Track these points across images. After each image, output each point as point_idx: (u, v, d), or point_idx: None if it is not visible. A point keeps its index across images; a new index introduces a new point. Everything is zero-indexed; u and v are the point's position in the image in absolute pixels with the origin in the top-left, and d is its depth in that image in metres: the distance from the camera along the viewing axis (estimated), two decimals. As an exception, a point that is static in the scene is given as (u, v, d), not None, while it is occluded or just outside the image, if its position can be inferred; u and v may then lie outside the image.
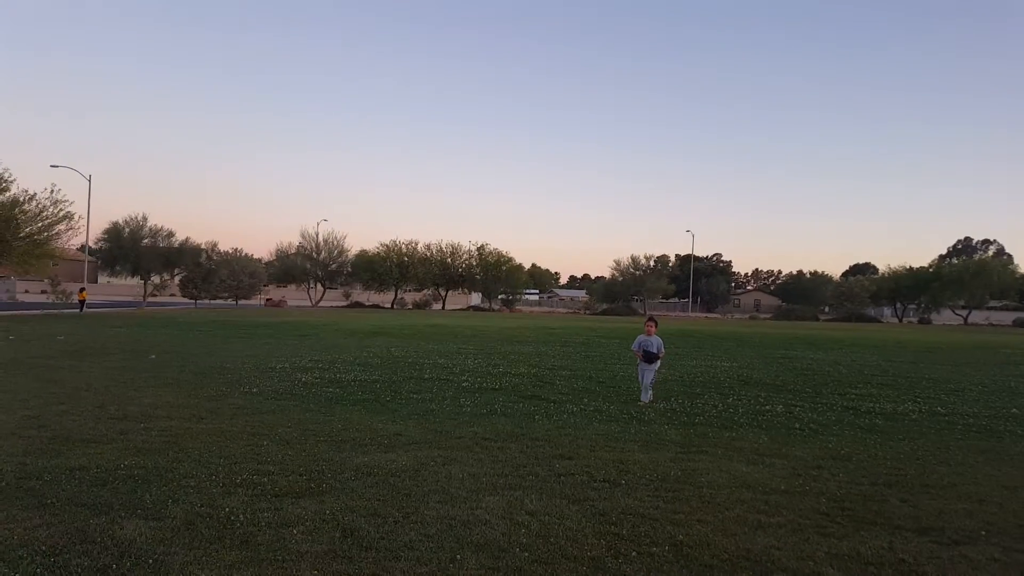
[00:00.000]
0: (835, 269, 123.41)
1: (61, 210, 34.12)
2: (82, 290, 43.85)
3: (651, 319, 10.87)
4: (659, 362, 10.54)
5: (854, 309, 71.06)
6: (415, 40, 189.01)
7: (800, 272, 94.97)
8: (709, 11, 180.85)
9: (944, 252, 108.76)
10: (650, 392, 10.38)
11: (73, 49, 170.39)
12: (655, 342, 10.42)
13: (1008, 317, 70.39)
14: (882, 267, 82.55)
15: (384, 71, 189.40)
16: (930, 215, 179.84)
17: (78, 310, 39.74)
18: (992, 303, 76.27)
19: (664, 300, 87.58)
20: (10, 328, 22.59)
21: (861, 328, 47.88)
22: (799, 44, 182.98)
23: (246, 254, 62.75)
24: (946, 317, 73.04)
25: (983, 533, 4.79)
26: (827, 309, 79.46)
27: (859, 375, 15.15)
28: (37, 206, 32.98)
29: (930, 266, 72.78)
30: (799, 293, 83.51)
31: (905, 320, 71.83)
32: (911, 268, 72.37)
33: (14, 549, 3.90)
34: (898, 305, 74.40)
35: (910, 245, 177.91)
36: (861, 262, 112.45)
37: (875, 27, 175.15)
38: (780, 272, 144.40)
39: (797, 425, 8.91)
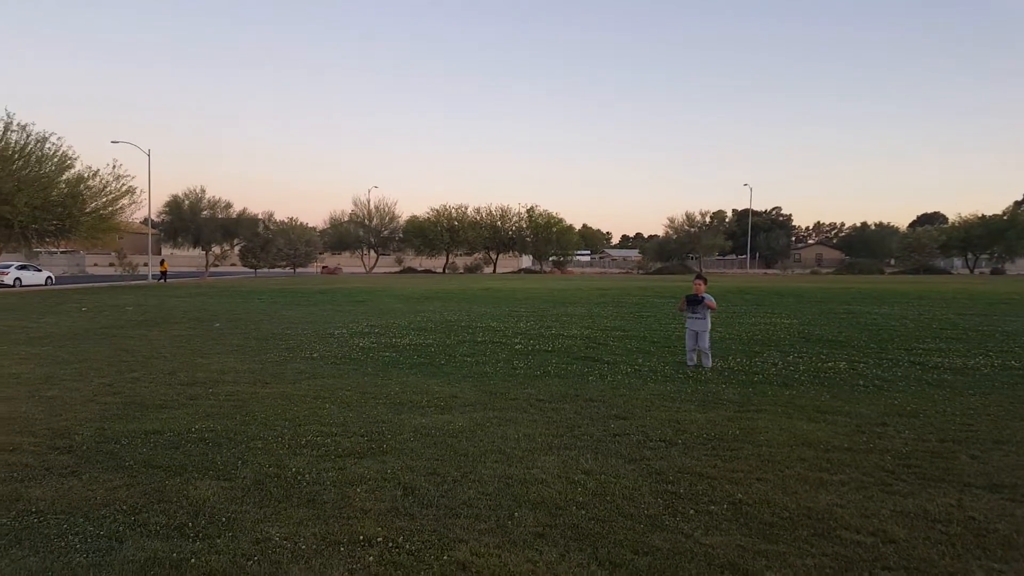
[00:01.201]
0: (901, 220, 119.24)
1: (123, 184, 35.31)
2: (163, 261, 46.25)
3: (699, 277, 10.27)
4: (709, 319, 9.74)
5: (922, 261, 68.27)
6: (461, 2, 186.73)
7: (864, 224, 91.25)
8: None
9: (1020, 198, 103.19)
10: (709, 355, 9.72)
11: (130, 29, 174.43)
12: (701, 296, 9.81)
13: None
14: (952, 216, 78.90)
15: (433, 35, 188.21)
16: (1003, 159, 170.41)
17: (160, 280, 41.99)
18: (1073, 252, 72.24)
19: (721, 257, 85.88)
20: (82, 300, 23.69)
21: (929, 280, 46.08)
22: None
23: (301, 223, 64.09)
24: (1021, 267, 69.55)
25: (1059, 489, 4.60)
26: (893, 262, 76.54)
27: (927, 329, 14.61)
28: (101, 182, 34.19)
29: (1004, 213, 68.92)
30: (863, 246, 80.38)
31: (977, 271, 68.75)
32: (983, 216, 68.79)
33: (98, 508, 4.14)
34: (969, 256, 71.12)
35: (981, 193, 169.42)
36: (929, 211, 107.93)
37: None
38: (843, 224, 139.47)
39: (861, 382, 8.68)
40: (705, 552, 3.61)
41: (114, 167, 35.88)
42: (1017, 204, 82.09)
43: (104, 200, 34.35)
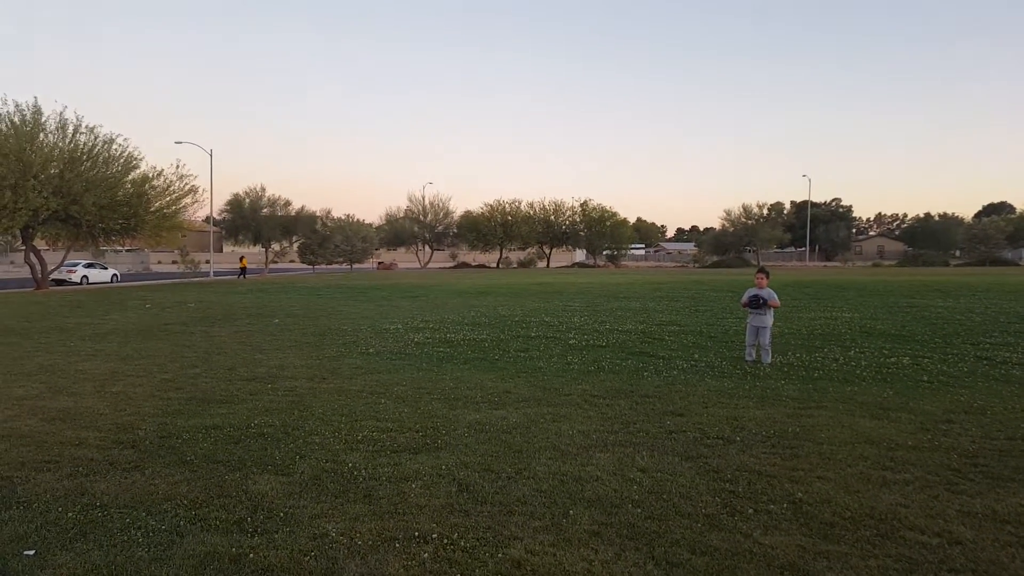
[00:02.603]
0: (967, 210, 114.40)
1: (186, 184, 36.44)
2: (242, 258, 47.80)
3: (761, 270, 10.08)
4: (771, 315, 9.71)
5: (989, 252, 65.48)
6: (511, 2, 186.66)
7: (927, 215, 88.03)
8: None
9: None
10: (769, 351, 9.60)
11: (191, 32, 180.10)
12: (765, 293, 9.68)
13: None
14: (1020, 206, 75.67)
15: (487, 34, 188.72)
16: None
17: (240, 276, 43.67)
18: None
19: (779, 250, 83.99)
20: (147, 297, 24.61)
21: (997, 272, 44.10)
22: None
23: (358, 220, 65.35)
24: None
25: None
26: (958, 253, 73.69)
27: (994, 323, 14.00)
28: (165, 181, 35.36)
29: (1079, 200, 65.66)
30: (927, 237, 77.60)
31: (1050, 262, 65.49)
32: (1055, 204, 65.63)
33: (159, 503, 4.27)
34: (1040, 246, 67.88)
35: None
36: (996, 201, 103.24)
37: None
38: (905, 216, 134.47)
39: (925, 377, 8.38)
40: (764, 552, 3.53)
41: (177, 167, 37.15)
42: (1093, 190, 77.76)
43: (168, 199, 35.54)
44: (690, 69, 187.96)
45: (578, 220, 73.14)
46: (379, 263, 70.79)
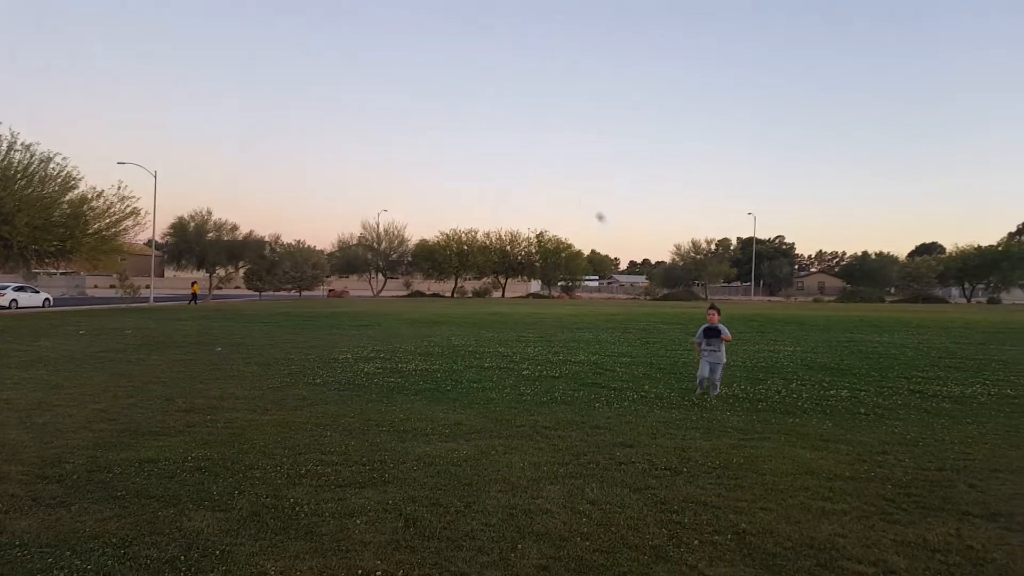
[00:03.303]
0: (901, 249, 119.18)
1: (128, 206, 35.45)
2: (194, 283, 46.70)
3: (713, 307, 10.06)
4: (724, 351, 9.65)
5: (921, 290, 68.53)
6: (469, 26, 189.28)
7: (865, 253, 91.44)
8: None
9: (1014, 229, 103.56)
10: (718, 386, 9.65)
11: (135, 48, 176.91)
12: (718, 328, 9.67)
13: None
14: (949, 246, 79.39)
15: (440, 59, 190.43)
16: (998, 192, 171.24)
17: (191, 302, 42.81)
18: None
19: (726, 284, 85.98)
20: (81, 323, 23.69)
21: (928, 309, 46.03)
22: (856, 23, 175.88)
23: (308, 246, 64.37)
24: (1016, 296, 69.73)
25: (1055, 519, 4.60)
26: (893, 290, 76.66)
27: (926, 358, 14.58)
28: (105, 202, 34.30)
29: (999, 244, 69.70)
30: (864, 274, 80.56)
31: (973, 300, 68.87)
32: (979, 247, 69.46)
33: (85, 541, 4.06)
34: (966, 285, 71.50)
35: (978, 223, 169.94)
36: (928, 241, 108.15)
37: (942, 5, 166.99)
38: (844, 253, 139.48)
39: (862, 410, 8.65)
40: (709, 585, 3.56)
41: (119, 188, 35.92)
42: (1011, 235, 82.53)
43: (107, 221, 34.48)
44: (640, 109, 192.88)
45: (534, 251, 73.69)
46: (330, 291, 69.75)
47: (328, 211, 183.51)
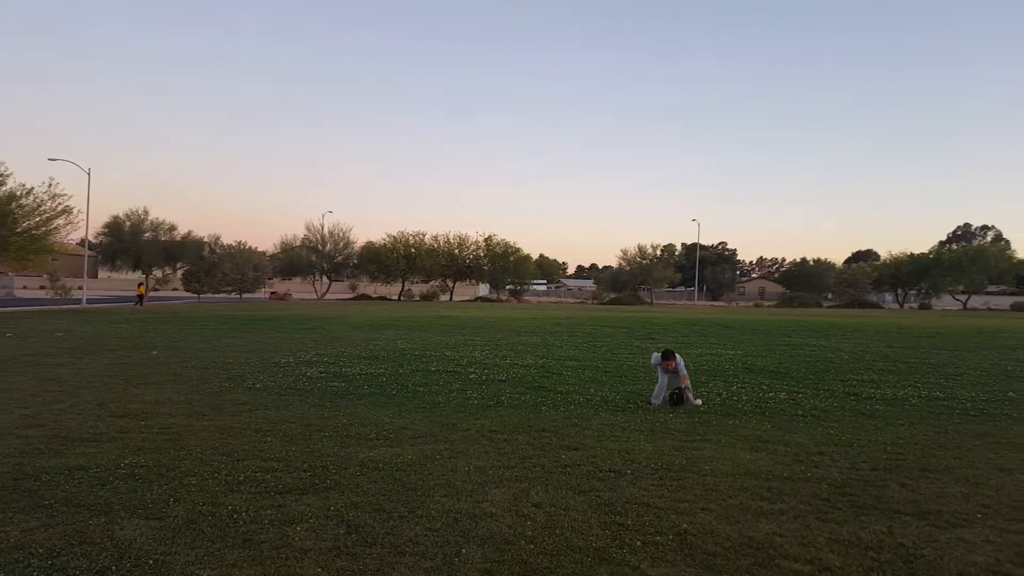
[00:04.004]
0: (838, 256, 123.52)
1: (60, 204, 33.97)
2: (140, 284, 45.42)
3: (668, 356, 9.45)
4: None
5: (856, 295, 71.00)
6: (418, 28, 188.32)
7: (804, 259, 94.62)
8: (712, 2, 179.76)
9: (944, 238, 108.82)
10: (660, 399, 9.38)
11: (71, 40, 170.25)
12: (680, 370, 9.34)
13: (1006, 302, 70.53)
14: (883, 254, 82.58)
15: (390, 61, 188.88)
16: (931, 202, 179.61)
17: (138, 303, 41.54)
18: (990, 288, 76.43)
19: (670, 289, 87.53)
20: (7, 325, 22.59)
21: (863, 314, 47.78)
22: (800, 33, 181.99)
23: (250, 247, 62.79)
24: (946, 302, 73.14)
25: (979, 516, 4.83)
26: (830, 295, 79.32)
27: (860, 361, 15.12)
28: (35, 200, 32.81)
29: (930, 252, 72.87)
30: (803, 280, 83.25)
31: (906, 305, 71.77)
32: (912, 254, 72.51)
33: (10, 552, 3.89)
34: (899, 291, 74.40)
35: (911, 232, 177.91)
36: (863, 249, 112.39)
37: (880, 15, 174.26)
38: (784, 260, 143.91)
39: (799, 412, 8.90)
40: (651, 586, 3.60)
41: (50, 185, 34.38)
42: (942, 244, 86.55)
43: (37, 220, 33.00)
44: (588, 114, 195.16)
45: (482, 254, 73.51)
46: (272, 293, 68.23)
47: (271, 212, 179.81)
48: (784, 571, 3.82)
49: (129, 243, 52.26)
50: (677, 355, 9.55)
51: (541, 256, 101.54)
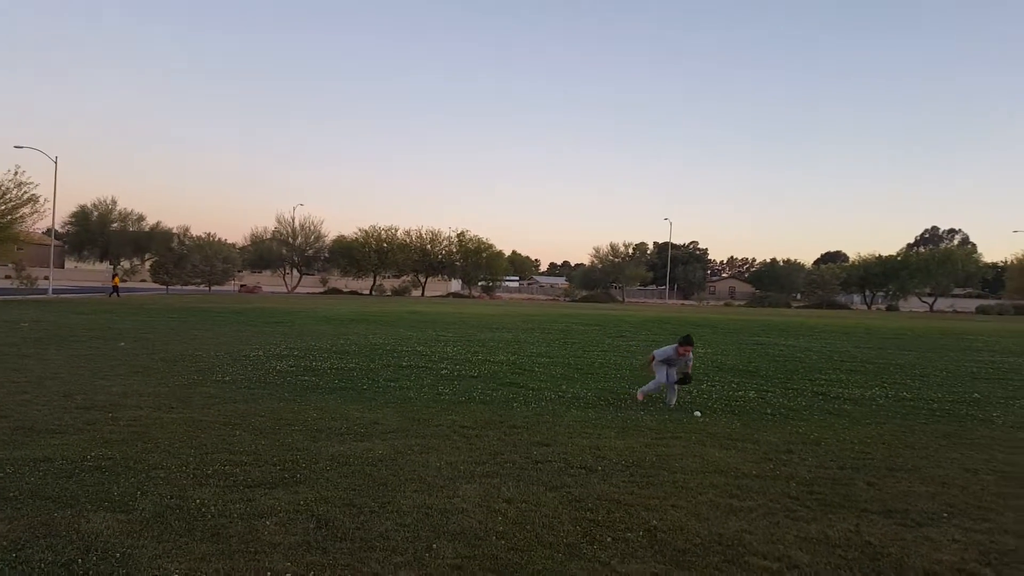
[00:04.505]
0: (807, 257, 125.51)
1: (25, 192, 33.26)
2: (115, 275, 45.06)
3: (686, 343, 9.26)
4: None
5: (825, 296, 72.11)
6: (390, 21, 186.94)
7: (774, 260, 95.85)
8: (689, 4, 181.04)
9: (912, 241, 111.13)
10: (648, 390, 9.36)
11: (38, 26, 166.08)
12: (690, 359, 9.28)
13: (971, 304, 72.11)
14: (852, 255, 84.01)
15: (363, 57, 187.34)
16: (899, 205, 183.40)
17: (113, 294, 41.53)
18: (956, 291, 78.10)
19: (642, 287, 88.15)
20: (-26, 315, 22.01)
21: (832, 315, 48.61)
22: (771, 35, 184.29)
23: (219, 239, 61.86)
24: (913, 304, 74.54)
25: (945, 515, 4.92)
26: (799, 296, 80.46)
27: (829, 361, 15.37)
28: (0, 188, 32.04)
29: (898, 254, 74.20)
30: (772, 280, 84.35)
31: (874, 307, 73.03)
32: (880, 256, 73.71)
33: (-26, 544, 3.79)
34: (867, 292, 75.63)
35: (879, 234, 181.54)
36: (832, 250, 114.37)
37: (850, 20, 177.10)
38: (754, 260, 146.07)
39: (769, 410, 9.03)
40: (621, 581, 3.63)
41: (16, 173, 33.51)
42: (910, 246, 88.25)
43: (2, 208, 32.19)
44: (562, 112, 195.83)
45: (455, 250, 73.23)
46: (242, 286, 67.33)
47: (241, 204, 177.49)
48: (753, 568, 3.87)
49: (96, 233, 51.35)
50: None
51: (514, 253, 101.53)
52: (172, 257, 55.44)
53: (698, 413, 8.60)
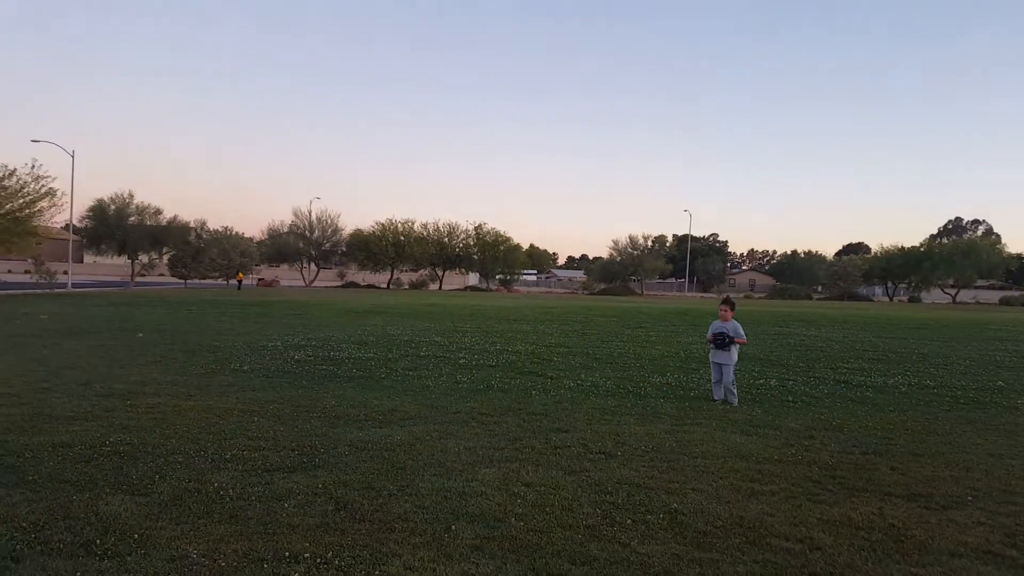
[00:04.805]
0: (829, 249, 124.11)
1: (43, 186, 33.49)
2: (238, 271, 49.61)
3: (726, 301, 8.85)
4: (735, 351, 8.63)
5: (846, 288, 71.37)
6: (406, 17, 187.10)
7: (794, 252, 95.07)
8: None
9: (935, 232, 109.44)
10: (735, 393, 8.50)
11: (56, 23, 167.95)
12: (730, 327, 8.63)
13: (995, 296, 70.98)
14: (874, 247, 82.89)
15: (377, 48, 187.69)
16: (922, 196, 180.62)
17: (237, 287, 46.16)
18: (980, 282, 76.83)
19: (661, 280, 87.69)
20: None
21: (853, 306, 48.12)
22: (792, 26, 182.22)
23: (237, 233, 62.30)
24: (935, 296, 73.45)
25: (969, 498, 4.84)
26: (820, 288, 79.71)
27: (851, 350, 15.18)
28: (18, 182, 32.32)
29: (921, 246, 73.09)
30: (793, 272, 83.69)
31: (896, 299, 72.23)
32: (902, 248, 72.61)
33: (-7, 525, 3.81)
34: (889, 284, 74.74)
35: (902, 225, 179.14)
36: (854, 242, 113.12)
37: (871, 6, 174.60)
38: (775, 252, 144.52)
39: (790, 398, 8.92)
40: (641, 561, 3.58)
41: (33, 167, 33.83)
42: (933, 237, 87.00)
43: (21, 202, 32.53)
44: (581, 104, 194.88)
45: (472, 243, 73.18)
46: (259, 279, 67.81)
47: (258, 198, 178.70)
48: (775, 549, 3.80)
49: (114, 227, 51.68)
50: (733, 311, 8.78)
51: (532, 246, 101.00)
52: (190, 251, 55.87)
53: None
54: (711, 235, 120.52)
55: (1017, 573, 3.59)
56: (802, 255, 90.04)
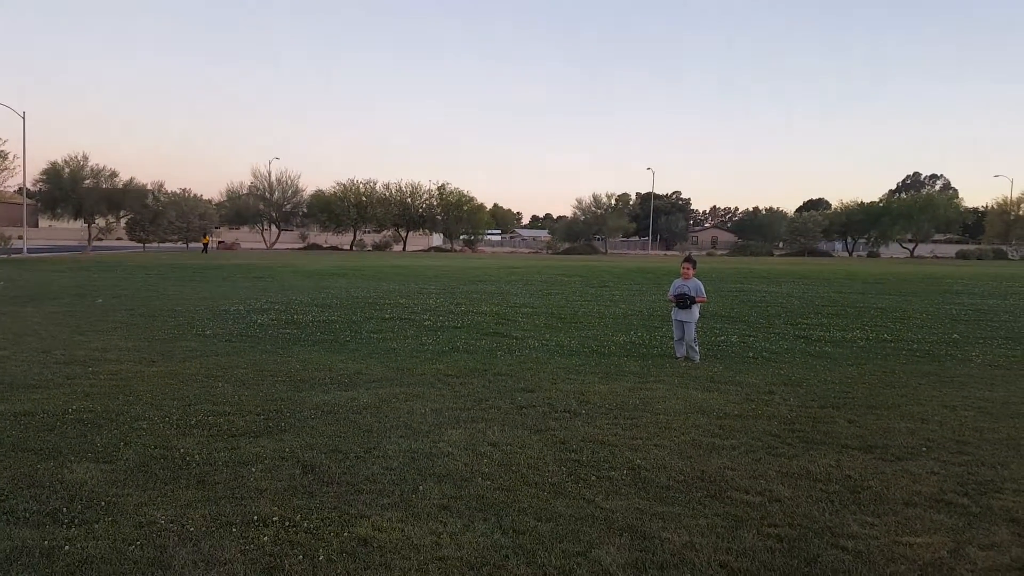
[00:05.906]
0: (790, 205, 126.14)
1: (-7, 149, 32.21)
2: (205, 234, 50.26)
3: (688, 259, 9.07)
4: (697, 310, 8.81)
5: (807, 244, 72.67)
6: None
7: (756, 209, 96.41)
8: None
9: (893, 187, 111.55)
10: (696, 350, 8.68)
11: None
12: (692, 285, 8.81)
13: (952, 249, 73.02)
14: (834, 202, 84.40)
15: (343, 8, 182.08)
16: (881, 151, 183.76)
17: (203, 250, 46.40)
18: (937, 236, 78.88)
19: (624, 238, 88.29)
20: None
21: (813, 262, 49.07)
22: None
23: (195, 195, 60.69)
24: (894, 250, 75.22)
25: (924, 449, 5.01)
26: (781, 244, 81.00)
27: (810, 306, 15.53)
28: (-34, 146, 31.04)
29: (880, 201, 74.57)
30: (755, 229, 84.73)
31: (855, 254, 73.75)
32: (862, 203, 74.02)
33: (-43, 496, 3.75)
34: (848, 239, 76.25)
35: (862, 181, 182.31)
36: (815, 198, 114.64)
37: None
38: (737, 209, 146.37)
39: (750, 354, 9.13)
40: (605, 516, 3.68)
41: (-18, 130, 32.53)
42: (892, 192, 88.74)
43: (-29, 166, 31.24)
44: (541, 62, 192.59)
45: (435, 204, 72.47)
46: (220, 242, 66.44)
47: (216, 159, 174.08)
48: (736, 502, 3.93)
49: (69, 190, 49.89)
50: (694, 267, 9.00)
51: (495, 206, 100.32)
52: (148, 214, 54.33)
53: None
54: (674, 193, 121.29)
55: (969, 520, 3.75)
56: (764, 212, 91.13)
